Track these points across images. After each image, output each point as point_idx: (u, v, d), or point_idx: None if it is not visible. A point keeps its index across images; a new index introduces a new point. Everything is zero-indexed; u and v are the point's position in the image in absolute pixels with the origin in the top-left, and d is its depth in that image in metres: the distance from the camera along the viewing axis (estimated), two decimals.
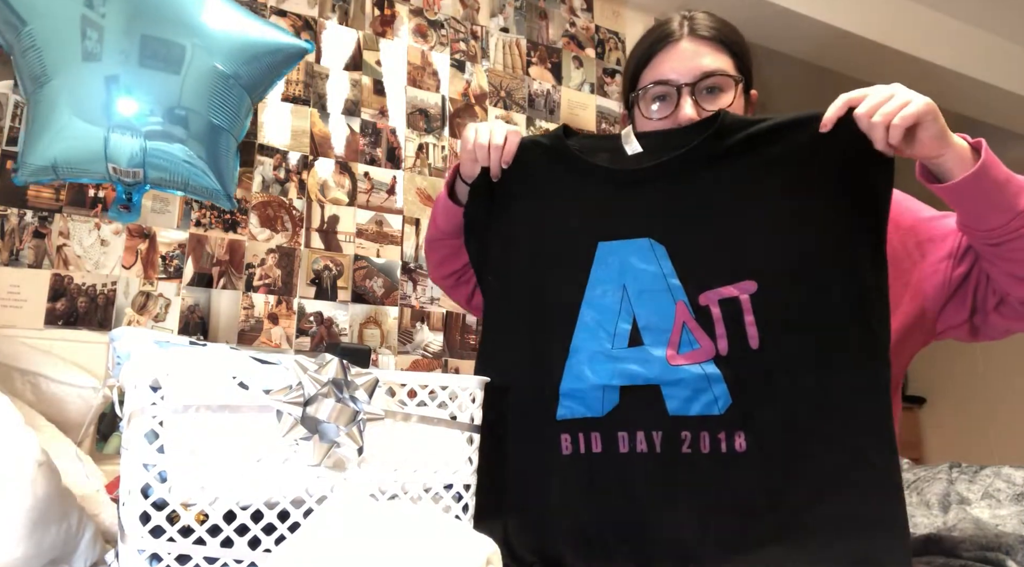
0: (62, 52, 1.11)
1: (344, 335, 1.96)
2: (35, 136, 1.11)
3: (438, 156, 2.20)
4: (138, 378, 0.77)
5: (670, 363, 0.88)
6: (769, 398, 0.87)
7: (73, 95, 1.11)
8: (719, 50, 1.02)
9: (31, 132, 1.11)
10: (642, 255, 0.92)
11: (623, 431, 0.90)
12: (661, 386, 0.89)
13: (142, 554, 0.75)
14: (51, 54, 1.11)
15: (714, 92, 1.01)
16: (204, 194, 1.27)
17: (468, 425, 0.89)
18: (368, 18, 2.18)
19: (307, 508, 0.80)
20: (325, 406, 0.78)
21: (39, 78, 1.11)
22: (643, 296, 0.91)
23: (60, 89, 1.11)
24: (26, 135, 1.13)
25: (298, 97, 2.03)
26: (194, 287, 1.82)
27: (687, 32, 1.03)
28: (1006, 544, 1.24)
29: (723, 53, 1.02)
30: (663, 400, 0.89)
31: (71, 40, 1.11)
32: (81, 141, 1.12)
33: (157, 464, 0.76)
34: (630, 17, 2.65)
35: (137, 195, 1.24)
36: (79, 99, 1.11)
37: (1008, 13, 3.07)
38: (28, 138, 1.12)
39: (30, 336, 1.51)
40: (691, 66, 1.01)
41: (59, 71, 1.11)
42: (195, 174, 1.23)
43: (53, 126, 1.10)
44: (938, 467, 2.12)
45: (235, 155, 1.33)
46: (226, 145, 1.30)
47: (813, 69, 3.05)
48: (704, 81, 1.01)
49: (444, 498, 0.87)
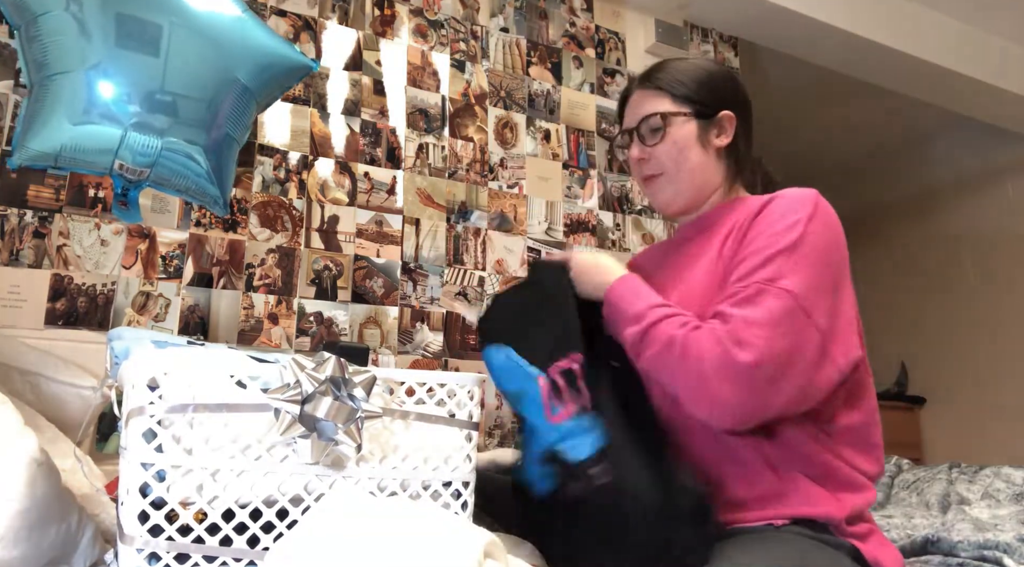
0: (81, 44, 1.11)
1: (344, 335, 1.97)
2: (41, 122, 1.09)
3: (438, 156, 2.20)
4: (136, 378, 0.77)
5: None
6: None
7: (91, 87, 1.11)
8: (658, 95, 1.16)
9: (37, 117, 1.10)
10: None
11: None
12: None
13: (141, 553, 0.75)
14: (68, 45, 1.10)
15: (655, 131, 1.15)
16: (200, 198, 1.27)
17: (466, 422, 0.89)
18: (368, 18, 2.19)
19: (305, 506, 0.80)
20: (323, 404, 0.78)
21: (53, 66, 1.10)
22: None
23: (78, 80, 1.10)
24: (29, 119, 1.11)
25: (298, 97, 2.03)
26: (194, 287, 1.82)
27: (635, 85, 1.21)
28: (1004, 543, 1.24)
29: (662, 97, 1.16)
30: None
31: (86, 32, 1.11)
32: (95, 133, 1.11)
33: (156, 463, 0.76)
34: (630, 17, 2.65)
35: (134, 192, 1.24)
36: (95, 92, 1.11)
37: (1008, 13, 3.07)
38: (32, 122, 1.10)
39: (30, 336, 1.51)
40: (635, 113, 1.19)
41: (79, 62, 1.10)
42: (201, 179, 1.23)
43: (66, 114, 1.09)
44: (938, 467, 2.13)
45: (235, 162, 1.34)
46: (233, 155, 1.31)
47: (813, 69, 3.05)
48: (642, 124, 1.17)
49: (443, 495, 0.88)
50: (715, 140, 1.15)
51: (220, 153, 1.26)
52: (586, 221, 2.39)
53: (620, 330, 1.02)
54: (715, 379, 0.90)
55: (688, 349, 0.92)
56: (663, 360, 0.95)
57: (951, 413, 3.99)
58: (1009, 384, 3.72)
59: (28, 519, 0.78)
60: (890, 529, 1.48)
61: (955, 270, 4.06)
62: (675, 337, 0.94)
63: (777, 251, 0.96)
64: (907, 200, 4.34)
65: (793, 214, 0.99)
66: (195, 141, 1.20)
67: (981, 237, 3.96)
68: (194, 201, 1.29)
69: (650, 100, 1.17)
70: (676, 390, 0.95)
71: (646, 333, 0.98)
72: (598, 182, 2.44)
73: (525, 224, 2.28)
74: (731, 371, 0.89)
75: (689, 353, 0.92)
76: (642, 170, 1.18)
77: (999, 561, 1.20)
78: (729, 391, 0.89)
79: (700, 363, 0.91)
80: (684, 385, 0.93)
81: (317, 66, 1.39)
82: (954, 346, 4.02)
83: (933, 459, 3.92)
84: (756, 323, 0.91)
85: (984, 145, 3.86)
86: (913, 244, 4.30)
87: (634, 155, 1.18)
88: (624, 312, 1.02)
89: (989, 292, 3.89)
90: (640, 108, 1.17)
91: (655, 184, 1.17)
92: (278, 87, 1.38)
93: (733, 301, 0.95)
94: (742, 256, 1.00)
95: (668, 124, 1.14)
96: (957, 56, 3.03)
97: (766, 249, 0.97)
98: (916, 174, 4.26)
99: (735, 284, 0.97)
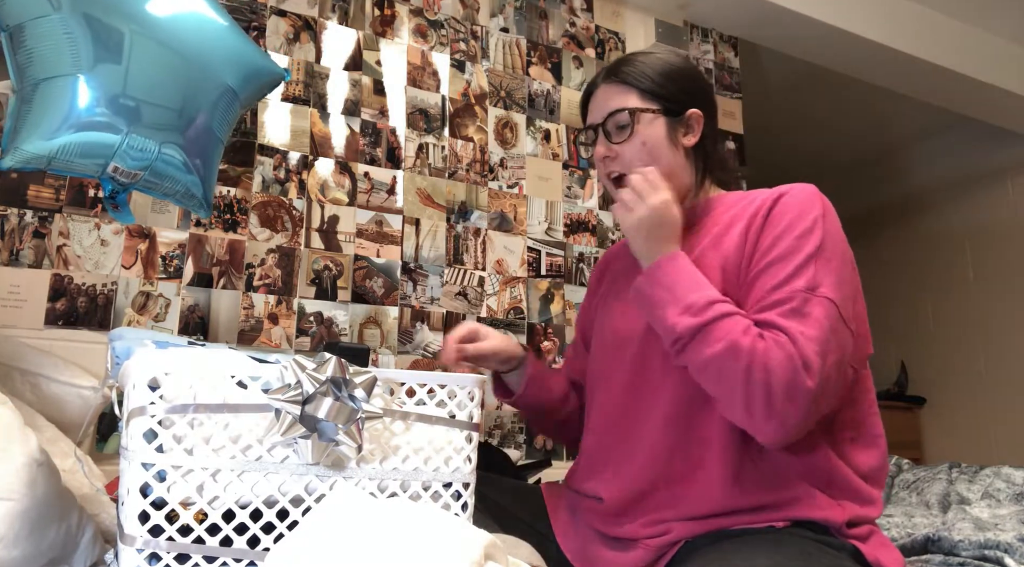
0: (75, 48, 1.12)
1: (344, 335, 1.97)
2: (34, 124, 1.09)
3: (438, 156, 2.20)
4: (137, 378, 0.77)
5: None
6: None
7: (87, 91, 1.11)
8: (624, 90, 1.12)
9: (29, 119, 1.10)
10: None
11: None
12: None
13: (141, 553, 0.75)
14: (62, 49, 1.11)
15: (622, 128, 1.12)
16: (186, 200, 1.28)
17: (467, 423, 0.89)
18: (368, 18, 2.18)
19: (306, 507, 0.80)
20: (324, 404, 0.78)
21: (45, 70, 1.11)
22: None
23: (73, 84, 1.11)
24: (22, 121, 1.11)
25: (298, 97, 2.03)
26: (194, 287, 1.82)
27: (600, 79, 1.16)
28: (1004, 543, 1.24)
29: (629, 92, 1.12)
30: None
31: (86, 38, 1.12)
32: (92, 137, 1.11)
33: (156, 463, 0.76)
34: (630, 17, 2.65)
35: (122, 195, 1.24)
36: (91, 96, 1.11)
37: (1008, 13, 3.07)
38: (24, 125, 1.10)
39: (30, 336, 1.51)
40: (601, 109, 1.14)
41: (73, 67, 1.11)
42: (192, 183, 1.24)
43: (61, 118, 1.09)
44: (938, 467, 2.13)
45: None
46: (218, 157, 1.33)
47: (813, 69, 3.05)
48: (609, 119, 1.13)
49: (443, 496, 0.88)
50: (683, 139, 1.12)
51: (206, 155, 1.28)
52: (586, 221, 2.39)
53: (664, 312, 0.96)
54: (782, 400, 0.89)
55: (755, 362, 0.90)
56: (722, 365, 0.91)
57: (951, 413, 3.99)
58: (1009, 384, 3.73)
59: (28, 519, 0.78)
60: (890, 528, 1.48)
61: (955, 270, 4.06)
62: (741, 345, 0.91)
63: (807, 256, 0.95)
64: (907, 199, 4.34)
65: (808, 214, 0.99)
66: (179, 143, 1.21)
67: (981, 237, 3.96)
68: (178, 204, 1.30)
69: (616, 95, 1.13)
70: (726, 395, 0.93)
71: (705, 329, 0.93)
72: (598, 182, 2.44)
73: (525, 224, 2.28)
74: (798, 394, 0.89)
75: (756, 366, 0.90)
76: (608, 168, 1.14)
77: (1000, 561, 1.20)
78: (793, 412, 0.89)
79: (768, 378, 0.89)
80: (743, 395, 0.91)
81: (288, 75, 1.46)
82: (954, 346, 4.02)
83: (933, 459, 3.92)
84: (814, 340, 0.90)
85: (984, 145, 3.86)
86: (913, 244, 4.30)
87: (599, 153, 1.14)
88: (678, 297, 0.96)
89: (989, 292, 3.89)
90: (606, 103, 1.13)
91: (622, 185, 1.10)
92: (258, 93, 1.42)
93: (781, 311, 0.93)
94: (767, 259, 0.98)
95: (636, 121, 1.11)
96: (957, 56, 3.03)
97: (796, 253, 0.96)
98: (916, 174, 4.26)
99: (773, 291, 0.95)
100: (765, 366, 0.89)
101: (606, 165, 1.14)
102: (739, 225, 1.04)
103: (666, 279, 0.98)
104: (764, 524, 0.96)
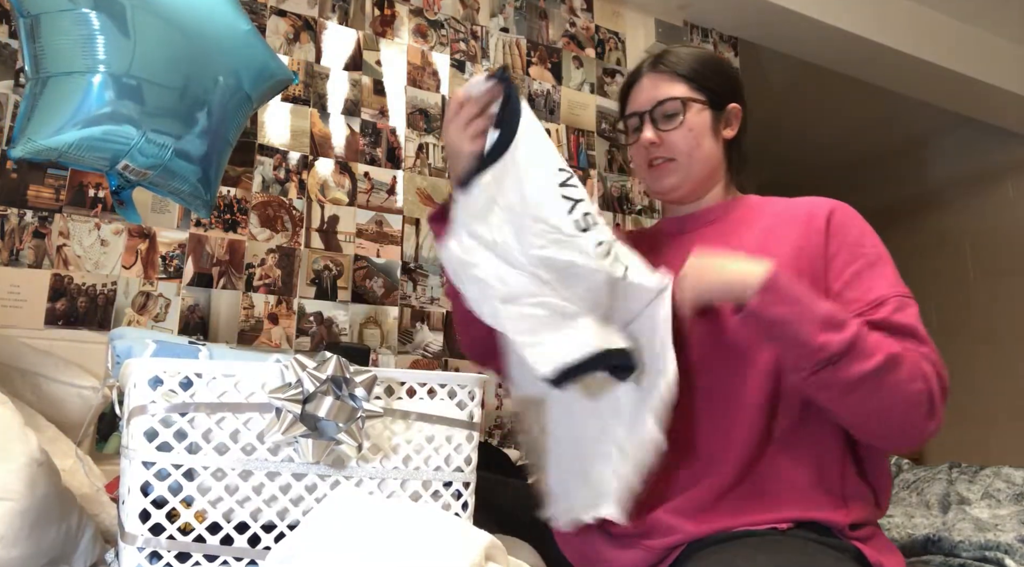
0: (94, 43, 1.11)
1: (344, 335, 1.96)
2: (49, 116, 1.09)
3: (438, 156, 2.20)
4: (137, 377, 0.77)
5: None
6: None
7: (103, 87, 1.10)
8: (673, 79, 1.16)
9: (44, 111, 1.09)
10: None
11: None
12: None
13: (142, 552, 0.75)
14: (82, 43, 1.10)
15: (670, 116, 1.14)
16: (190, 200, 1.28)
17: (467, 423, 0.89)
18: (368, 18, 2.18)
19: (307, 506, 0.80)
20: (324, 403, 0.78)
21: (63, 64, 1.10)
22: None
23: (91, 79, 1.10)
24: (35, 111, 1.10)
25: (298, 97, 2.03)
26: (194, 287, 1.82)
27: (646, 69, 1.19)
28: (1005, 544, 1.24)
29: (678, 82, 1.15)
30: None
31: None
32: (107, 133, 1.11)
33: (157, 462, 0.76)
34: (630, 17, 2.65)
35: (127, 192, 1.24)
36: (108, 92, 1.11)
37: (1008, 13, 3.07)
38: (38, 116, 1.09)
39: (30, 336, 1.51)
40: (649, 96, 1.16)
41: (93, 63, 1.10)
42: (200, 184, 1.24)
43: (77, 111, 1.09)
44: (938, 467, 2.13)
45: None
46: (226, 158, 1.33)
47: (813, 69, 3.05)
48: (658, 108, 1.15)
49: (444, 496, 0.87)
50: (724, 131, 1.18)
51: (216, 157, 1.27)
52: None
53: (798, 329, 0.89)
54: (940, 400, 0.94)
55: (915, 369, 0.92)
56: (884, 377, 0.89)
57: (951, 413, 3.96)
58: (1009, 384, 3.72)
59: (28, 519, 0.78)
60: (890, 528, 1.48)
61: (955, 270, 4.06)
62: (899, 355, 0.90)
63: (883, 261, 1.05)
64: (907, 200, 4.34)
65: (861, 222, 1.08)
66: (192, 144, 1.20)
67: (981, 237, 3.96)
68: (181, 202, 1.30)
69: (664, 84, 1.16)
70: (883, 409, 0.92)
71: (857, 344, 0.88)
72: (598, 182, 2.44)
73: None
74: (946, 391, 0.95)
75: (916, 374, 0.92)
76: (652, 154, 1.16)
77: (1000, 562, 1.20)
78: (943, 409, 0.95)
79: (928, 383, 0.92)
80: (905, 404, 0.92)
81: (296, 79, 1.45)
82: (954, 346, 4.02)
83: (933, 459, 3.91)
84: (930, 344, 0.97)
85: (984, 145, 3.86)
86: (913, 244, 4.29)
87: (647, 138, 1.15)
88: (810, 310, 0.89)
89: (989, 292, 3.89)
90: (654, 91, 1.16)
91: (663, 168, 1.15)
92: (267, 96, 1.42)
93: (889, 316, 0.97)
94: (854, 270, 1.02)
95: (687, 110, 1.14)
96: (957, 56, 3.03)
97: (878, 262, 1.04)
98: (916, 174, 4.26)
99: (876, 306, 0.98)
100: (923, 373, 0.93)
101: (651, 151, 1.16)
102: (786, 231, 1.07)
103: (789, 293, 0.90)
104: (767, 526, 0.96)
